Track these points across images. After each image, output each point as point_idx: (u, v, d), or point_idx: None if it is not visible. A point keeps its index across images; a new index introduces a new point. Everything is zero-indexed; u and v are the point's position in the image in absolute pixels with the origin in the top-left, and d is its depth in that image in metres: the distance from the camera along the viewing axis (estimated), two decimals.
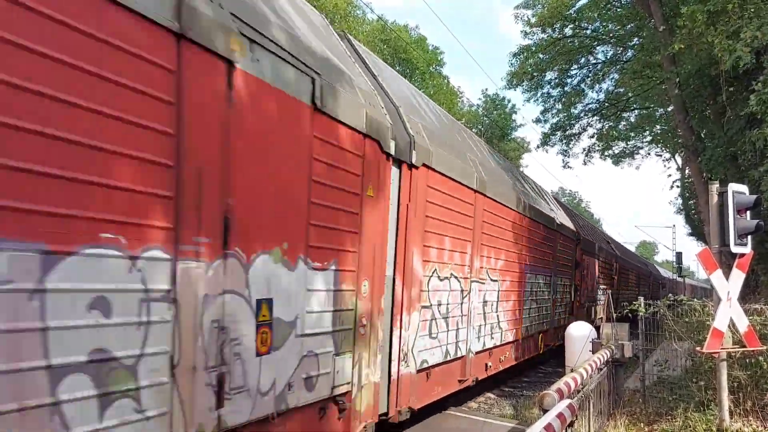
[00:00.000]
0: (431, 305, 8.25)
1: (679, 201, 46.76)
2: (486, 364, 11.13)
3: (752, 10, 10.96)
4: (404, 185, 7.46)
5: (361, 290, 6.30)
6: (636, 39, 27.93)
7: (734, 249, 7.97)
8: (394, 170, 7.28)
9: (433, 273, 8.24)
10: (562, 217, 17.80)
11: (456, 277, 9.01)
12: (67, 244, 3.25)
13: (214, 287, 4.24)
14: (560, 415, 4.65)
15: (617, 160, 42.28)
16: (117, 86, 3.53)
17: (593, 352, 10.85)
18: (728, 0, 11.39)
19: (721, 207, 8.20)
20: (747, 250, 8.10)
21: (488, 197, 10.38)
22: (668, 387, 9.74)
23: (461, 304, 9.34)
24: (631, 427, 8.93)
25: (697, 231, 45.49)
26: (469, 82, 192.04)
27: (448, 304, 8.87)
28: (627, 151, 41.66)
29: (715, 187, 8.28)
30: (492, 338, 11.28)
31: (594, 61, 31.56)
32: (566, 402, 5.13)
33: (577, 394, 6.45)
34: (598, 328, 12.02)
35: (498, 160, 14.93)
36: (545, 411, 5.01)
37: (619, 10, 26.89)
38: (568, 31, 29.59)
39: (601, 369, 8.52)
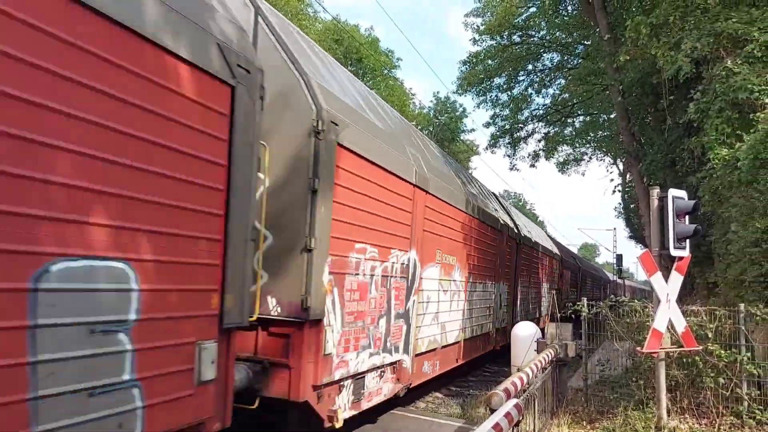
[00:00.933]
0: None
1: (621, 205, 48.16)
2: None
3: (692, 22, 11.38)
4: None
5: None
6: (581, 46, 28.73)
7: (673, 252, 8.24)
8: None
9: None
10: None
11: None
12: None
13: None
14: (507, 414, 4.72)
15: (563, 168, 43.24)
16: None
17: (538, 351, 11.08)
18: (670, 12, 11.82)
19: (661, 211, 8.48)
20: (686, 253, 8.39)
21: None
22: (609, 386, 10.00)
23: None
24: (573, 425, 9.14)
25: (637, 234, 46.97)
26: (417, 83, 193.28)
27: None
28: (573, 158, 42.73)
29: (656, 192, 8.55)
30: None
31: (541, 68, 32.30)
32: (513, 401, 5.22)
33: (523, 394, 6.56)
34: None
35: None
36: (493, 410, 5.08)
37: (566, 18, 27.53)
38: (515, 38, 30.22)
39: (545, 369, 8.70)
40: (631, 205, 45.95)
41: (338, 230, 6.81)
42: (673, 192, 8.35)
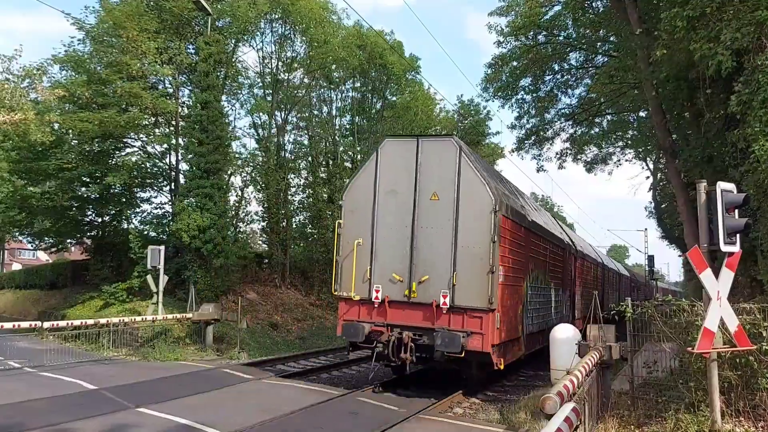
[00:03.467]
0: None
1: (652, 205, 47.24)
2: None
3: (731, 12, 11.00)
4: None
5: None
6: (607, 45, 28.22)
7: (724, 248, 7.92)
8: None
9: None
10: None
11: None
12: None
13: None
14: (567, 419, 4.49)
15: (590, 166, 42.51)
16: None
17: (579, 354, 10.75)
18: (707, 4, 11.45)
19: (708, 205, 8.16)
20: (736, 248, 8.06)
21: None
22: (657, 389, 9.65)
23: None
24: (621, 430, 8.83)
25: (669, 234, 46.09)
26: (440, 87, 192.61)
27: None
28: (600, 157, 42.01)
29: (703, 185, 8.24)
30: None
31: (567, 67, 31.80)
32: (570, 405, 4.98)
33: (573, 397, 6.30)
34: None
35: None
36: (548, 415, 4.84)
37: (591, 16, 27.02)
38: (540, 38, 29.77)
39: (591, 371, 8.41)
40: (663, 205, 45.21)
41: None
42: (721, 185, 8.04)
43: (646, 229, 62.80)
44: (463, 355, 12.11)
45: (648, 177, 46.16)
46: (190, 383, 13.83)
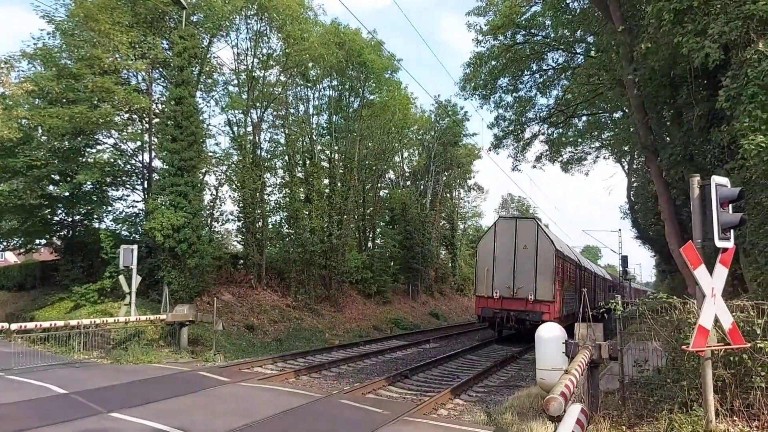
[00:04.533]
0: None
1: (627, 205, 47.63)
2: None
3: (719, 6, 10.88)
4: None
5: None
6: (585, 45, 28.23)
7: (718, 243, 7.76)
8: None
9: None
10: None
11: None
12: None
13: None
14: (578, 421, 4.20)
15: (566, 166, 42.72)
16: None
17: (567, 353, 10.53)
18: None
19: (702, 200, 7.98)
20: (731, 244, 7.91)
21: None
22: (648, 388, 9.45)
23: None
24: (612, 430, 8.62)
25: (644, 235, 46.54)
26: (416, 88, 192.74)
27: None
28: (576, 157, 42.23)
29: (696, 179, 8.07)
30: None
31: (545, 67, 31.81)
32: (578, 406, 4.70)
33: (571, 397, 6.03)
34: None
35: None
36: (552, 417, 4.55)
37: (569, 16, 27.00)
38: (519, 37, 29.70)
39: (584, 371, 8.18)
40: (637, 206, 45.60)
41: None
42: (716, 179, 7.88)
43: (620, 230, 63.58)
44: (540, 322, 17.30)
45: (622, 179, 46.66)
46: (164, 387, 13.35)
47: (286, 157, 33.76)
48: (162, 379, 14.43)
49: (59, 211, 26.67)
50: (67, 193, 24.48)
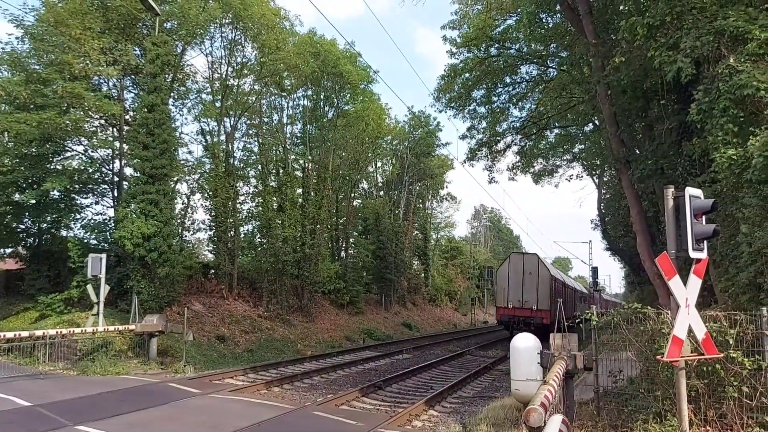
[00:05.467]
0: None
1: (597, 218, 48.27)
2: None
3: (690, 21, 11.09)
4: None
5: None
6: (557, 59, 28.60)
7: (692, 254, 7.82)
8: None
9: None
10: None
11: None
12: None
13: None
14: None
15: (538, 178, 43.27)
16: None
17: (542, 364, 10.54)
18: (666, 13, 11.53)
19: (676, 211, 8.06)
20: (704, 255, 7.98)
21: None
22: (622, 398, 9.48)
23: None
24: None
25: (614, 246, 47.11)
26: (391, 99, 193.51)
27: None
28: (547, 170, 42.78)
29: (670, 191, 8.13)
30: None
31: (518, 80, 32.16)
32: (559, 417, 4.66)
33: (549, 407, 6.00)
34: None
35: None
36: (532, 428, 4.51)
37: (542, 31, 27.33)
38: (492, 50, 29.98)
39: (561, 382, 8.16)
40: (607, 218, 46.21)
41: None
42: (690, 191, 7.95)
43: (590, 241, 64.66)
44: (540, 324, 19.65)
45: (593, 191, 47.66)
46: (132, 399, 13.03)
47: (260, 166, 33.50)
48: (130, 390, 14.10)
49: (25, 219, 26.02)
50: (33, 201, 23.91)
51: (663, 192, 8.36)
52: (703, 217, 8.08)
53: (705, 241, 8.00)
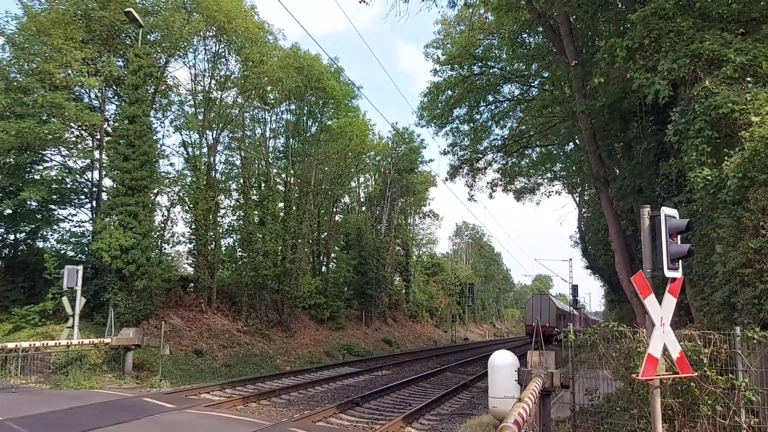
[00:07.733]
0: None
1: (578, 235, 48.70)
2: None
3: (668, 44, 11.29)
4: None
5: None
6: (539, 79, 28.96)
7: (667, 273, 7.88)
8: None
9: None
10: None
11: None
12: None
13: None
14: None
15: (519, 195, 43.54)
16: None
17: (519, 381, 10.53)
18: (645, 35, 11.73)
19: (652, 230, 8.14)
20: (679, 274, 8.05)
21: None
22: (598, 416, 9.51)
23: None
24: None
25: (593, 264, 47.50)
26: (374, 115, 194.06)
27: None
28: (528, 187, 43.09)
29: (647, 210, 8.22)
30: None
31: (501, 98, 32.48)
32: None
33: (524, 425, 5.99)
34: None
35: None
36: None
37: (524, 50, 27.68)
38: (475, 68, 30.30)
39: (536, 399, 8.16)
40: (586, 236, 46.63)
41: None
42: (665, 210, 8.03)
43: (570, 259, 66.23)
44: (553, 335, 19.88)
45: (573, 209, 48.99)
46: (106, 413, 12.81)
47: (242, 180, 33.39)
48: (104, 405, 13.87)
49: (1, 229, 25.67)
50: (9, 211, 23.62)
51: (640, 211, 8.45)
52: (678, 236, 8.16)
53: (680, 261, 8.08)
